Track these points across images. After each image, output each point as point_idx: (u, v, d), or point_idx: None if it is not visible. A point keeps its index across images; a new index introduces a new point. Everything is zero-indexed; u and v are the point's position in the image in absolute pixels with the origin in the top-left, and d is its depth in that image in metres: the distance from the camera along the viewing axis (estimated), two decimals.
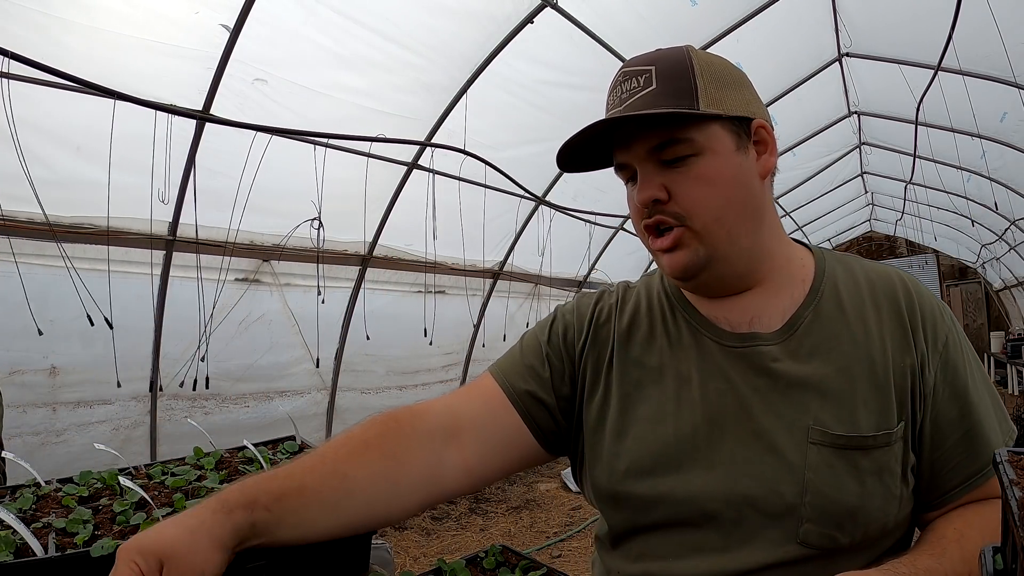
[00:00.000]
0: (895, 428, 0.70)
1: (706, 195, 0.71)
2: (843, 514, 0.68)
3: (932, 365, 0.72)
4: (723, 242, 0.73)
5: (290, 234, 3.64)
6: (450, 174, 4.23)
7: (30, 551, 0.98)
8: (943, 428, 0.72)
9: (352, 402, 4.48)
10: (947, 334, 0.74)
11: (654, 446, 0.76)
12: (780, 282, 0.78)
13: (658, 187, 0.72)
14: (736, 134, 0.73)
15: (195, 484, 1.33)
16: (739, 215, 0.73)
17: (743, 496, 0.71)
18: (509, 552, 0.98)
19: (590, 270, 6.40)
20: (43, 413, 2.96)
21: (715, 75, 0.73)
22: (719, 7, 4.05)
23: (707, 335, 0.78)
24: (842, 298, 0.76)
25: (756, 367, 0.74)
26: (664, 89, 0.70)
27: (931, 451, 0.72)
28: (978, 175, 6.37)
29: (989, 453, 0.70)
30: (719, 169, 0.71)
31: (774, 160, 0.77)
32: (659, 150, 0.72)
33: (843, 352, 0.73)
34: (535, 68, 3.88)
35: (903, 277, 0.78)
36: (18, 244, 2.75)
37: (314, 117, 3.30)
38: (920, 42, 4.37)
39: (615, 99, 0.75)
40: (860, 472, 0.69)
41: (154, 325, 3.27)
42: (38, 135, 2.65)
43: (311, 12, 2.92)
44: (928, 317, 0.74)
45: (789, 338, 0.75)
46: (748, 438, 0.72)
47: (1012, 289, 10.47)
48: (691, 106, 0.70)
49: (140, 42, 2.62)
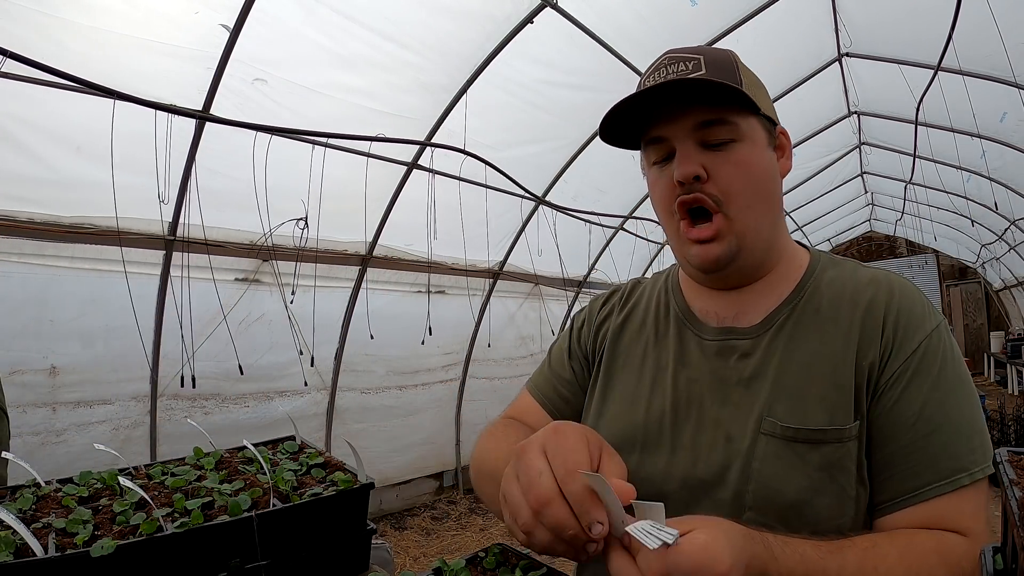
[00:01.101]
0: (848, 426, 0.69)
1: (744, 181, 0.74)
2: (786, 506, 0.68)
3: (893, 365, 0.70)
4: (751, 231, 0.75)
5: (273, 231, 3.53)
6: (450, 174, 4.23)
7: (30, 551, 0.98)
8: (888, 429, 0.69)
9: (352, 402, 4.48)
10: (923, 342, 0.71)
11: (625, 427, 0.82)
12: (775, 279, 0.81)
13: (698, 165, 0.73)
14: (768, 132, 0.78)
15: (195, 484, 1.33)
16: (766, 206, 0.77)
17: (698, 480, 0.75)
18: (509, 552, 0.98)
19: (590, 270, 6.40)
20: (43, 413, 2.96)
21: (752, 77, 0.79)
22: (719, 7, 4.05)
23: (690, 328, 0.84)
24: (822, 300, 0.78)
25: (727, 360, 0.78)
26: (714, 74, 0.72)
27: (873, 452, 0.70)
28: (978, 175, 6.37)
29: (936, 472, 0.66)
30: (756, 159, 0.75)
31: (790, 164, 0.82)
32: (703, 128, 0.73)
33: (809, 350, 0.74)
34: (535, 68, 3.87)
35: (892, 283, 0.77)
36: (18, 244, 2.75)
37: (314, 117, 3.30)
38: (920, 42, 4.37)
39: (659, 77, 0.74)
40: (807, 466, 0.68)
41: (154, 325, 3.27)
42: (38, 135, 2.65)
43: (311, 12, 2.92)
44: (903, 321, 0.73)
45: (763, 334, 0.78)
46: (708, 425, 0.76)
47: (1012, 289, 10.47)
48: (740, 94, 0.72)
49: (140, 42, 2.62)
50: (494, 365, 5.65)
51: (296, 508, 1.23)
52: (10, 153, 2.60)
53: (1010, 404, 7.01)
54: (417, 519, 4.86)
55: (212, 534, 1.13)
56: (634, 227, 6.32)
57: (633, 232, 6.39)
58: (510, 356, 5.78)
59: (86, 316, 3.02)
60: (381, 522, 4.74)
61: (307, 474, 1.45)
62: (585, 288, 6.51)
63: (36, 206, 2.76)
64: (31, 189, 2.72)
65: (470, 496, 5.46)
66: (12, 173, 2.64)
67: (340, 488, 1.32)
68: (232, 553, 1.15)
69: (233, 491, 1.28)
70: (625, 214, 6.02)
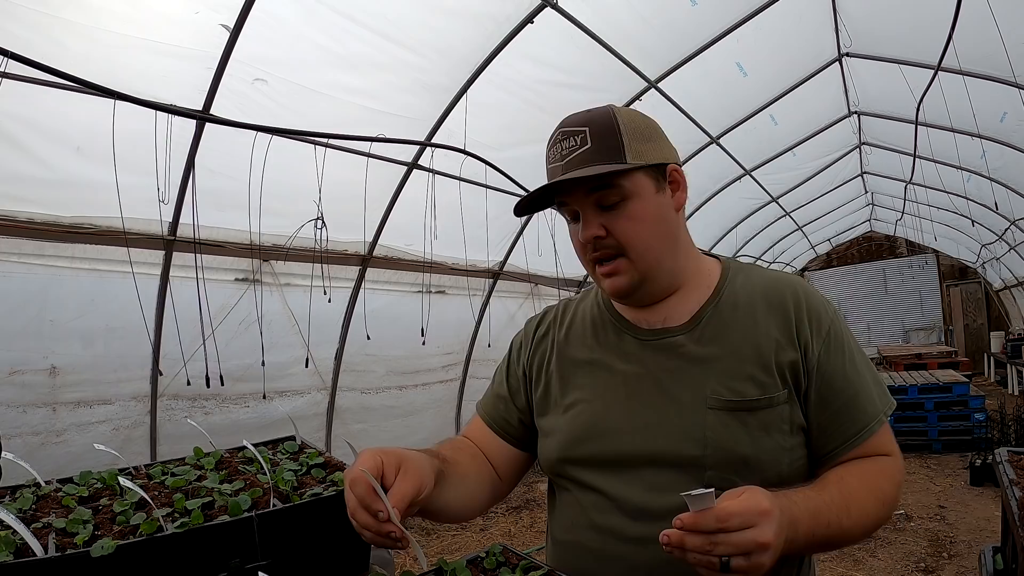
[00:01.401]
0: (776, 394, 0.88)
1: (637, 231, 0.89)
2: (738, 461, 0.86)
3: (815, 348, 0.90)
4: (652, 266, 0.91)
5: (295, 234, 3.64)
6: (450, 174, 4.24)
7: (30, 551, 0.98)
8: (825, 397, 0.89)
9: (352, 402, 4.48)
10: (830, 326, 0.91)
11: (587, 419, 0.96)
12: (689, 288, 0.97)
13: (598, 226, 0.89)
14: (655, 178, 0.91)
15: (195, 484, 1.33)
16: (662, 243, 0.92)
17: (658, 452, 0.89)
18: (509, 552, 0.98)
19: None
20: (43, 413, 2.96)
21: (636, 131, 0.90)
22: (719, 7, 4.05)
23: (628, 333, 0.99)
24: (738, 298, 0.95)
25: (667, 353, 0.94)
26: (597, 147, 0.87)
27: (817, 415, 0.90)
28: (978, 175, 6.38)
29: (865, 419, 0.89)
30: (645, 209, 0.89)
31: (685, 195, 0.96)
32: (595, 193, 0.88)
33: (734, 339, 0.91)
34: (535, 68, 3.88)
35: (794, 284, 0.96)
36: (18, 244, 2.75)
37: (314, 117, 3.30)
38: (920, 42, 4.37)
39: (556, 155, 0.90)
40: (748, 428, 0.87)
41: (154, 325, 3.27)
42: (38, 135, 2.65)
43: (311, 12, 2.92)
44: (813, 314, 0.92)
45: (693, 329, 0.94)
46: (660, 406, 0.91)
47: (1012, 289, 10.47)
48: (620, 160, 0.87)
49: (140, 42, 2.62)
50: (494, 365, 5.60)
51: (296, 508, 1.23)
52: (10, 153, 2.60)
53: (1010, 404, 7.00)
54: (417, 519, 4.86)
55: (212, 534, 1.13)
56: None
57: None
58: None
59: (86, 316, 3.02)
60: None
61: (307, 474, 1.45)
62: (585, 288, 6.51)
63: (36, 206, 2.76)
64: (31, 189, 2.71)
65: None
66: (12, 173, 2.64)
67: (340, 488, 1.32)
68: (232, 553, 1.15)
69: (233, 491, 1.28)
70: None
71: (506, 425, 1.08)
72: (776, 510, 0.69)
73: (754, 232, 8.97)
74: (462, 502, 0.95)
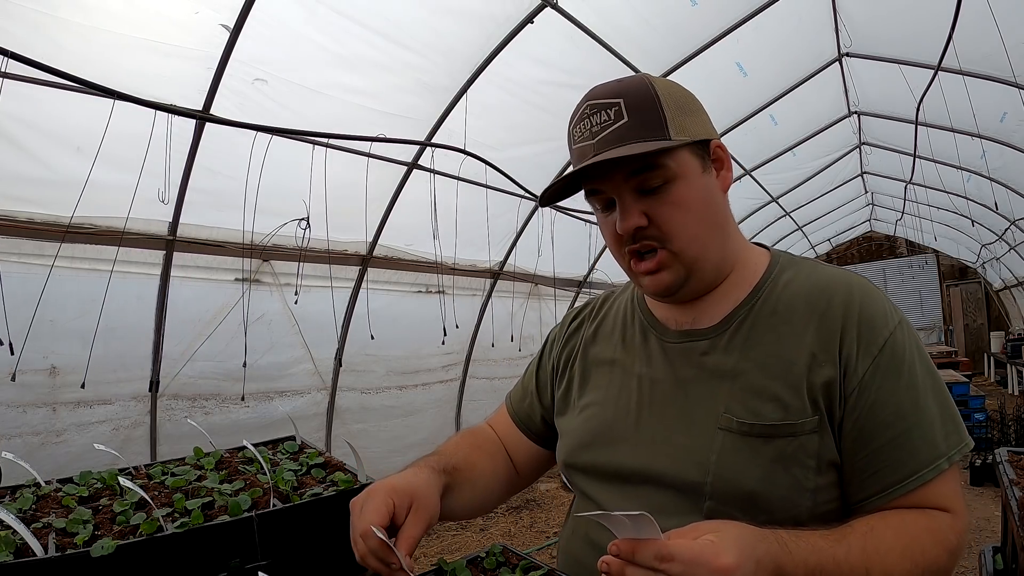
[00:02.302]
0: (800, 421, 0.72)
1: (683, 218, 0.77)
2: (742, 496, 0.73)
3: (861, 367, 0.73)
4: (699, 258, 0.79)
5: (274, 233, 3.58)
6: (450, 174, 4.23)
7: (30, 551, 0.98)
8: (865, 430, 0.72)
9: (352, 402, 4.48)
10: (887, 340, 0.74)
11: (596, 424, 0.89)
12: (729, 284, 0.84)
13: (639, 215, 0.77)
14: (700, 156, 0.79)
15: (195, 484, 1.33)
16: (710, 231, 0.80)
17: (657, 472, 0.80)
18: (509, 552, 0.98)
19: (590, 270, 6.40)
20: (43, 413, 2.96)
21: (677, 103, 0.78)
22: (719, 7, 4.05)
23: (654, 333, 0.89)
24: (779, 301, 0.81)
25: (688, 360, 0.83)
26: (635, 121, 0.74)
27: (851, 453, 0.73)
28: (978, 175, 6.37)
29: (915, 463, 0.70)
30: (691, 192, 0.77)
31: (731, 175, 0.84)
32: (635, 176, 0.76)
33: (764, 350, 0.78)
34: (535, 68, 3.87)
35: (851, 285, 0.79)
36: (18, 244, 2.75)
37: (314, 117, 3.30)
38: (920, 42, 4.37)
39: (585, 132, 0.77)
40: (761, 459, 0.72)
41: (154, 325, 3.27)
42: (38, 135, 2.65)
43: (311, 12, 2.92)
44: (865, 323, 0.75)
45: (720, 335, 0.82)
46: (670, 422, 0.81)
47: (1012, 289, 10.47)
48: (662, 136, 0.74)
49: (140, 42, 2.62)
50: (494, 365, 5.65)
51: (296, 508, 1.23)
52: (10, 153, 2.60)
53: (1010, 404, 7.00)
54: None
55: (212, 534, 1.13)
56: None
57: None
58: (510, 356, 5.78)
59: (86, 316, 3.01)
60: None
61: (307, 474, 1.45)
62: (585, 288, 6.51)
63: (36, 206, 2.76)
64: (31, 189, 2.71)
65: None
66: (12, 173, 2.64)
67: (340, 488, 1.32)
68: (232, 553, 1.15)
69: (233, 491, 1.28)
70: None
71: (529, 422, 1.03)
72: (741, 567, 0.55)
73: (754, 232, 8.96)
74: (470, 505, 0.93)
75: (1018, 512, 1.16)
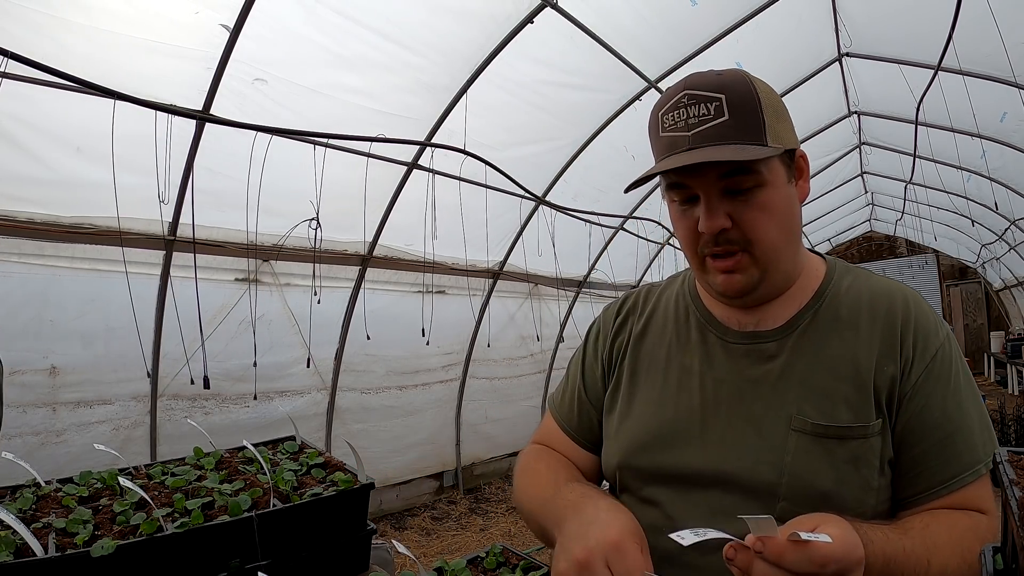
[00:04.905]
0: (870, 423, 0.76)
1: (767, 224, 0.77)
2: (817, 497, 0.74)
3: (916, 372, 0.77)
4: (774, 264, 0.80)
5: (288, 234, 3.64)
6: (450, 174, 4.23)
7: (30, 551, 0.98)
8: (915, 431, 0.76)
9: (352, 402, 4.48)
10: (939, 349, 0.79)
11: (653, 425, 0.86)
12: (793, 291, 0.86)
13: (724, 216, 0.76)
14: (787, 165, 0.80)
15: (195, 484, 1.33)
16: (788, 240, 0.81)
17: (728, 473, 0.79)
18: (509, 552, 0.98)
19: (590, 270, 6.40)
20: (43, 413, 2.96)
21: (774, 108, 0.78)
22: (719, 7, 4.05)
23: (713, 332, 0.87)
24: (841, 306, 0.83)
25: (754, 361, 0.82)
26: (737, 122, 0.74)
27: (906, 450, 0.77)
28: (978, 175, 6.37)
29: (959, 466, 0.75)
30: (778, 200, 0.78)
31: (808, 186, 0.85)
32: (726, 178, 0.75)
33: (831, 353, 0.79)
34: (535, 68, 3.87)
35: (906, 295, 0.83)
36: (18, 244, 2.75)
37: (314, 117, 3.30)
38: (920, 42, 4.37)
39: (679, 121, 0.76)
40: (835, 459, 0.75)
41: (154, 325, 3.27)
42: (38, 135, 2.65)
43: (311, 12, 2.92)
44: (921, 331, 0.79)
45: (786, 337, 0.82)
46: (738, 423, 0.80)
47: (1012, 289, 10.47)
48: (761, 141, 0.74)
49: (140, 42, 2.62)
50: (494, 365, 5.65)
51: (296, 508, 1.23)
52: (10, 153, 2.60)
53: (1010, 404, 7.00)
54: (417, 519, 4.86)
55: (212, 534, 1.13)
56: (634, 227, 6.32)
57: (633, 232, 6.39)
58: (510, 356, 5.78)
59: (86, 316, 3.02)
60: (381, 522, 4.74)
61: (307, 474, 1.45)
62: (585, 288, 6.51)
63: (36, 206, 2.76)
64: (31, 189, 2.71)
65: (470, 496, 5.46)
66: (12, 173, 2.64)
67: (340, 488, 1.32)
68: (232, 553, 1.15)
69: (233, 491, 1.28)
70: (625, 214, 6.01)
71: (589, 434, 0.97)
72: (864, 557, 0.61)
73: None
74: None
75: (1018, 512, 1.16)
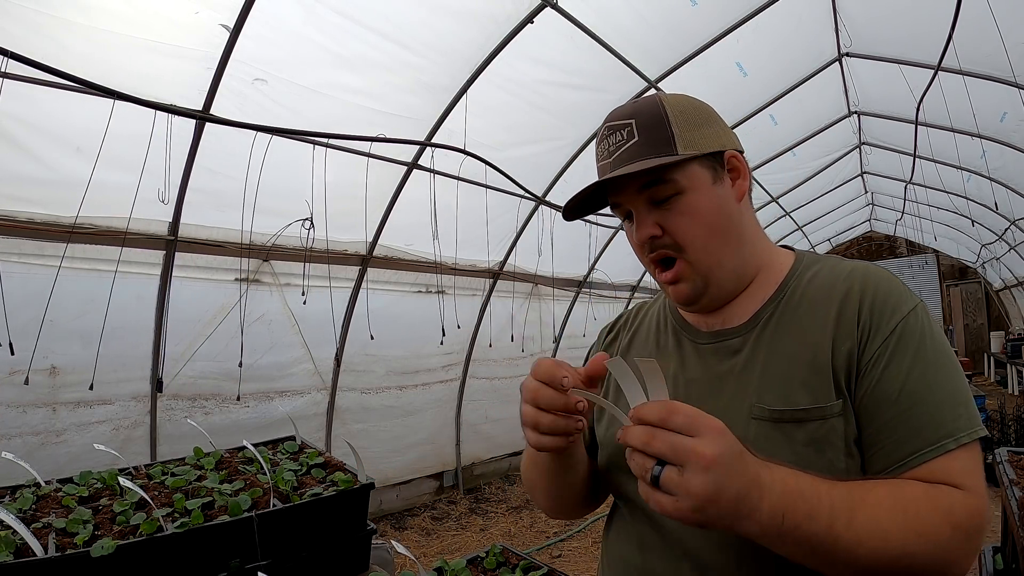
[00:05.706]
0: (828, 404, 0.76)
1: (694, 228, 0.83)
2: None
3: (873, 347, 0.76)
4: (714, 267, 0.84)
5: (279, 233, 3.61)
6: (450, 174, 4.23)
7: (30, 551, 0.98)
8: (872, 407, 0.75)
9: (352, 402, 4.48)
10: (900, 323, 0.76)
11: None
12: (756, 286, 0.89)
13: (652, 225, 0.83)
14: (712, 168, 0.84)
15: (195, 484, 1.33)
16: (723, 240, 0.84)
17: None
18: (509, 552, 0.98)
19: (590, 270, 6.40)
20: (43, 413, 2.96)
21: (687, 118, 0.84)
22: (719, 7, 4.05)
23: (686, 336, 0.93)
24: (804, 295, 0.85)
25: (721, 358, 0.86)
26: (647, 140, 0.81)
27: (865, 427, 0.76)
28: (978, 175, 6.37)
29: (919, 442, 0.71)
30: (701, 203, 0.82)
31: (747, 183, 0.88)
32: (647, 189, 0.82)
33: (791, 340, 0.81)
34: (535, 68, 3.87)
35: (868, 271, 0.83)
36: (18, 244, 2.75)
37: (314, 117, 3.30)
38: (920, 42, 4.37)
39: (603, 151, 0.86)
40: (794, 444, 0.75)
41: (154, 325, 3.27)
42: (38, 135, 2.65)
43: (311, 12, 2.92)
44: (879, 305, 0.78)
45: (751, 331, 0.86)
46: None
47: (1012, 289, 10.47)
48: (670, 152, 0.80)
49: (140, 42, 2.62)
50: (494, 365, 5.65)
51: (296, 508, 1.23)
52: (10, 153, 2.60)
53: (1010, 404, 7.00)
54: (417, 519, 4.86)
55: (212, 534, 1.13)
56: None
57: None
58: (510, 356, 5.78)
59: (86, 316, 3.02)
60: (381, 522, 4.74)
61: (307, 474, 1.45)
62: (585, 288, 6.51)
63: (36, 206, 2.76)
64: (31, 189, 2.72)
65: (470, 496, 5.46)
66: (12, 173, 2.64)
67: (340, 488, 1.32)
68: (232, 553, 1.15)
69: (233, 491, 1.28)
70: None
71: (583, 440, 1.00)
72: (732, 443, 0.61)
73: None
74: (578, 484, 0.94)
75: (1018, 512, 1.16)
